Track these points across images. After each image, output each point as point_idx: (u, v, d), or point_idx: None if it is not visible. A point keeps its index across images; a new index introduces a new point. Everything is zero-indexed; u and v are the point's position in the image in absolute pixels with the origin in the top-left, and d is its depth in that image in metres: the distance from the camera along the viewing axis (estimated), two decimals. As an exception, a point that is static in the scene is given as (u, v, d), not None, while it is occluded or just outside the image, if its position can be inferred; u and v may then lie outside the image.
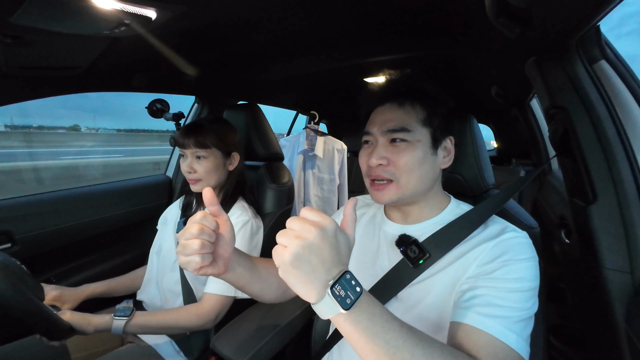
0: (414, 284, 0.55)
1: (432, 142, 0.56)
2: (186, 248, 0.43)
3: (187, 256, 0.43)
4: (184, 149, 0.89)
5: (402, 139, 0.55)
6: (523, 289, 0.46)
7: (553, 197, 1.22)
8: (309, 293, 0.36)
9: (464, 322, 0.45)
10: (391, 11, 0.71)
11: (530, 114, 1.64)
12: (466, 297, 0.47)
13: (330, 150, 1.88)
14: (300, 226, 0.36)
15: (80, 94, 0.99)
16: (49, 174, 7.29)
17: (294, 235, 0.36)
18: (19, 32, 0.58)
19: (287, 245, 0.36)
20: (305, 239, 0.35)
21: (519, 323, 0.45)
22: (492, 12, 0.58)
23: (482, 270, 0.49)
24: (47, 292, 0.83)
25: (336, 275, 0.36)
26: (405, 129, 0.55)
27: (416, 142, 0.55)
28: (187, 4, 0.58)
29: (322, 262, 0.36)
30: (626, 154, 0.60)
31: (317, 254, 0.35)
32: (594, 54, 0.67)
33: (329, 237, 0.37)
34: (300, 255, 0.35)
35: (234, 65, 1.10)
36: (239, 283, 0.56)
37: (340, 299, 0.35)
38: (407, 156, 0.54)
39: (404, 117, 0.56)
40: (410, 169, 0.55)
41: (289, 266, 0.35)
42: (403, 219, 0.62)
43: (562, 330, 0.91)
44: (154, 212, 1.21)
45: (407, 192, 0.56)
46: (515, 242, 0.51)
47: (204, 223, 0.43)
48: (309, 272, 0.35)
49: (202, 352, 0.89)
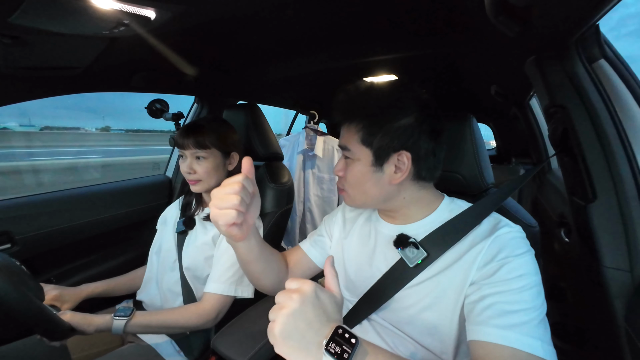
0: (413, 285, 0.55)
1: (374, 160, 0.56)
2: (224, 201, 0.45)
3: (221, 209, 0.45)
4: (183, 150, 0.89)
5: (347, 156, 0.59)
6: (529, 285, 0.45)
7: (553, 196, 1.22)
8: (307, 359, 0.36)
9: (483, 340, 0.43)
10: (391, 10, 0.71)
11: (529, 112, 1.63)
12: (477, 310, 0.46)
13: (330, 149, 1.88)
14: (284, 297, 0.38)
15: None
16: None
17: (279, 308, 0.37)
18: (18, 33, 0.58)
19: (274, 321, 0.37)
20: (288, 307, 0.36)
21: (539, 326, 0.43)
22: (492, 11, 0.58)
23: (483, 272, 0.48)
24: (47, 291, 0.83)
25: (328, 333, 0.36)
26: (346, 148, 0.58)
27: (356, 160, 0.57)
28: (186, 3, 0.57)
29: (310, 324, 0.36)
30: (625, 153, 0.60)
31: (302, 318, 0.36)
32: (594, 53, 0.67)
33: (310, 299, 0.37)
34: (287, 324, 0.36)
35: (234, 65, 1.10)
36: (247, 256, 0.58)
37: (337, 355, 0.35)
38: (350, 172, 0.58)
39: (347, 136, 0.59)
40: (352, 184, 0.58)
41: (280, 338, 0.36)
42: (391, 220, 0.63)
43: (562, 329, 0.91)
44: (154, 212, 1.21)
45: (357, 203, 0.61)
46: (510, 237, 0.51)
47: (244, 183, 0.46)
48: (299, 339, 0.36)
49: (202, 351, 0.89)
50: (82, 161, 9.55)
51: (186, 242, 0.93)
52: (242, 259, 0.60)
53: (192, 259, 0.90)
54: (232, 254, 0.86)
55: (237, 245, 0.56)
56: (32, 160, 9.28)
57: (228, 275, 0.84)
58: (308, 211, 1.92)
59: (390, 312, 0.57)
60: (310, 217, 1.92)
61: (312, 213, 1.91)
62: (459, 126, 0.68)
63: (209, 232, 0.91)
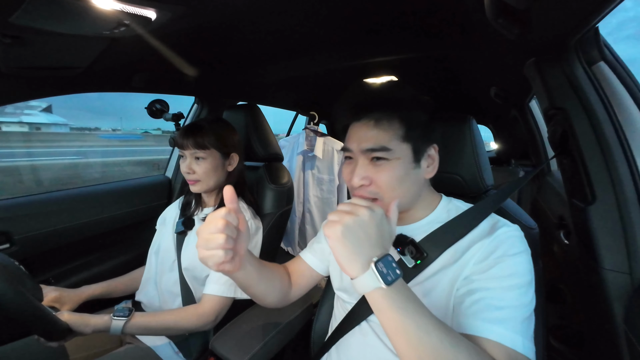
0: (412, 285, 0.55)
1: (413, 157, 0.54)
2: (210, 242, 0.44)
3: (209, 250, 0.44)
4: (183, 150, 0.89)
5: (382, 158, 0.52)
6: (519, 284, 0.46)
7: (552, 198, 1.22)
8: (353, 264, 0.40)
9: (469, 334, 0.45)
10: (391, 12, 0.71)
11: (529, 114, 1.64)
12: (466, 303, 0.47)
13: (329, 150, 1.88)
14: (352, 207, 0.42)
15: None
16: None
17: (346, 212, 0.41)
18: (19, 32, 0.58)
19: (338, 220, 0.41)
20: (357, 215, 0.41)
21: (523, 323, 0.45)
22: (491, 13, 0.58)
23: (477, 268, 0.49)
24: (47, 293, 0.83)
25: (380, 254, 0.40)
26: (385, 148, 0.52)
27: (396, 159, 0.52)
28: (186, 4, 0.58)
29: (369, 238, 0.41)
30: (625, 155, 0.61)
31: (365, 230, 0.41)
32: (593, 55, 0.67)
33: (377, 218, 0.42)
34: (351, 228, 0.40)
35: (234, 66, 1.10)
36: (246, 282, 0.57)
37: (382, 274, 0.39)
38: (388, 175, 0.52)
39: (382, 135, 0.52)
40: (393, 187, 0.53)
41: (340, 236, 0.40)
42: (399, 220, 0.62)
43: (561, 331, 0.91)
44: (154, 212, 1.21)
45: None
46: (507, 236, 0.51)
47: (227, 219, 0.44)
48: (356, 245, 0.40)
49: (201, 353, 0.89)
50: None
51: (185, 243, 0.93)
52: (242, 285, 0.58)
53: (191, 259, 0.90)
54: None
55: (233, 276, 0.53)
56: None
57: (227, 277, 0.84)
58: (308, 212, 1.92)
59: None
60: (310, 218, 1.91)
61: (312, 214, 1.91)
62: (458, 127, 0.68)
63: (208, 233, 0.90)
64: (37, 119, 28.66)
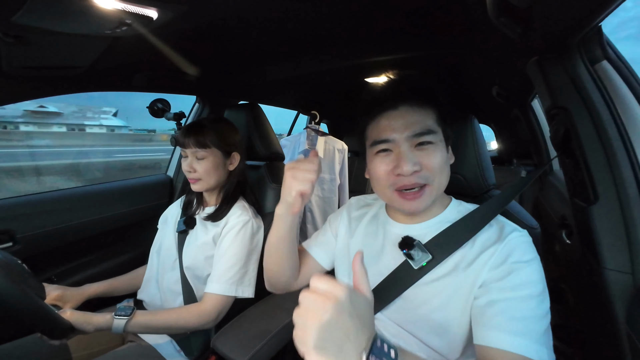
0: (421, 285, 0.55)
1: (445, 141, 0.57)
2: (303, 173, 0.53)
3: (298, 180, 0.53)
4: (184, 149, 0.90)
5: (429, 142, 0.53)
6: (537, 293, 0.46)
7: (554, 198, 1.21)
8: None
9: (491, 346, 0.44)
10: (392, 11, 0.71)
11: (531, 114, 1.63)
12: (487, 315, 0.47)
13: (331, 150, 1.88)
14: (313, 303, 0.34)
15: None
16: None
17: (309, 316, 0.34)
18: (21, 32, 0.58)
19: (305, 330, 0.34)
20: (321, 316, 0.33)
21: (545, 334, 0.45)
22: (493, 12, 0.58)
23: (494, 275, 0.49)
24: (49, 291, 0.83)
25: (366, 345, 0.34)
26: (431, 131, 0.53)
27: (440, 142, 0.55)
28: (188, 4, 0.58)
29: (347, 335, 0.33)
30: (627, 155, 0.60)
31: (338, 328, 0.33)
32: (596, 54, 0.66)
33: (346, 307, 0.34)
34: (322, 335, 0.33)
35: (235, 65, 1.10)
36: (287, 232, 0.62)
37: None
38: (437, 157, 0.53)
39: (426, 118, 0.54)
40: (442, 169, 0.54)
41: (314, 350, 0.33)
42: (409, 218, 0.61)
43: (563, 331, 0.90)
44: (155, 211, 1.21)
45: (439, 193, 0.56)
46: (520, 242, 0.51)
47: (317, 164, 0.53)
48: (336, 352, 0.33)
49: (202, 351, 0.89)
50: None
51: (187, 242, 0.93)
52: (280, 234, 0.62)
53: (193, 258, 0.90)
54: (232, 254, 0.86)
55: (287, 218, 0.59)
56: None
57: (229, 276, 0.84)
58: (309, 211, 1.92)
59: (395, 311, 0.57)
60: (311, 217, 1.92)
61: (313, 213, 1.91)
62: (460, 127, 0.68)
63: (209, 232, 0.91)
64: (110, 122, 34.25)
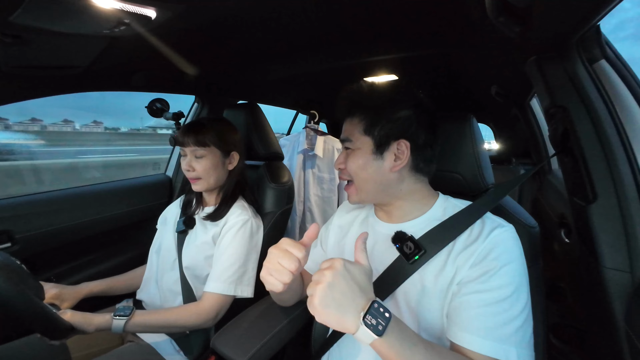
0: (411, 282, 0.56)
1: (374, 149, 0.60)
2: (278, 272, 0.47)
3: (272, 277, 0.47)
4: (183, 147, 0.90)
5: (348, 147, 0.63)
6: (511, 293, 0.48)
7: (553, 197, 1.22)
8: (346, 325, 0.41)
9: (463, 346, 0.47)
10: (391, 10, 0.71)
11: (530, 113, 1.63)
12: (460, 315, 0.49)
13: (330, 149, 1.88)
14: (319, 275, 0.43)
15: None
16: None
17: (315, 283, 0.42)
18: (19, 32, 0.58)
19: (313, 295, 0.42)
20: (323, 281, 0.42)
21: (516, 333, 0.46)
22: (492, 11, 0.58)
23: (471, 272, 0.50)
24: (46, 290, 0.83)
25: (365, 305, 0.41)
26: (348, 139, 0.62)
27: (357, 149, 0.61)
28: (187, 3, 0.57)
29: (344, 295, 0.41)
30: (626, 153, 0.60)
31: (336, 290, 0.41)
32: (595, 53, 0.66)
33: (341, 272, 0.42)
34: (324, 295, 0.41)
35: (234, 65, 1.10)
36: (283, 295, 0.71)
37: (373, 327, 0.40)
38: (352, 162, 0.61)
39: (349, 128, 0.63)
40: (356, 172, 0.61)
41: (320, 308, 0.41)
42: (388, 218, 0.64)
43: (562, 330, 0.91)
44: (154, 211, 1.21)
45: (362, 195, 0.63)
46: (500, 239, 0.52)
47: (300, 257, 0.47)
48: (337, 307, 0.41)
49: (201, 351, 0.89)
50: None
51: (186, 242, 0.93)
52: (276, 297, 0.73)
53: (192, 258, 0.90)
54: (231, 254, 0.86)
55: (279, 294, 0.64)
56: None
57: (228, 275, 0.84)
58: (308, 211, 1.92)
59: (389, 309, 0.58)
60: (311, 217, 1.91)
61: (312, 213, 1.91)
62: (459, 126, 0.68)
63: (209, 232, 0.91)
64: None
